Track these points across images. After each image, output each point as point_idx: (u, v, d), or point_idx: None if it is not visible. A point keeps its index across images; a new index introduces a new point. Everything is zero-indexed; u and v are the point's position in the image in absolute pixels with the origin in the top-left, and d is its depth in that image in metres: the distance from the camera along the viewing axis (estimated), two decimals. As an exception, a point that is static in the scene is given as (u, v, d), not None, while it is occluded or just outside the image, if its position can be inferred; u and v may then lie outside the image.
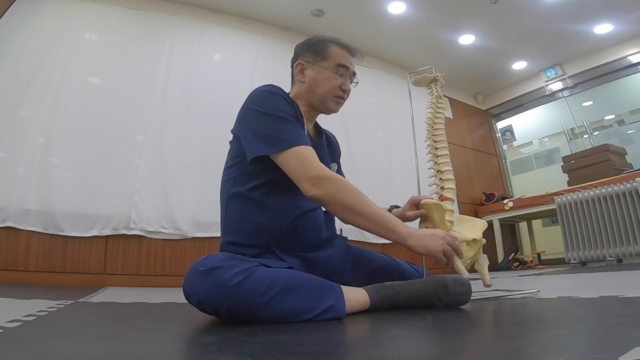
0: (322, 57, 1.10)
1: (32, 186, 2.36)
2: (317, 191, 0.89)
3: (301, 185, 0.91)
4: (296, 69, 1.13)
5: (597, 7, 3.40)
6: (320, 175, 0.90)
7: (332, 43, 1.11)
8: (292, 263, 0.94)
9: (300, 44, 1.16)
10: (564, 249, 3.26)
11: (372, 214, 0.91)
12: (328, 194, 0.89)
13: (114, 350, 0.54)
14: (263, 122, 0.95)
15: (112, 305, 1.30)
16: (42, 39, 2.64)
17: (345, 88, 1.11)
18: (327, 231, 1.08)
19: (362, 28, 3.65)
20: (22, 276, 2.23)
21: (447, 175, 1.15)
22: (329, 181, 0.90)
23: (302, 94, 1.11)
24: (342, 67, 1.10)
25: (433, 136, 1.20)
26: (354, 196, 0.91)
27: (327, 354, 0.48)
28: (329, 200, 0.90)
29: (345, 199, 0.90)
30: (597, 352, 0.43)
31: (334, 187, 0.90)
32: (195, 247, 2.72)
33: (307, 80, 1.10)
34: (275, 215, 0.97)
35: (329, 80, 1.09)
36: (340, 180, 0.92)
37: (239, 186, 1.00)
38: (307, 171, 0.90)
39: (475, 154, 4.68)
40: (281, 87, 1.04)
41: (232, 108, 1.03)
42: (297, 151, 0.92)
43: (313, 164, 0.92)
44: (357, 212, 0.91)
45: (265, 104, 0.97)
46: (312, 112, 1.14)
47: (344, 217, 0.94)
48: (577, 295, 1.07)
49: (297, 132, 0.96)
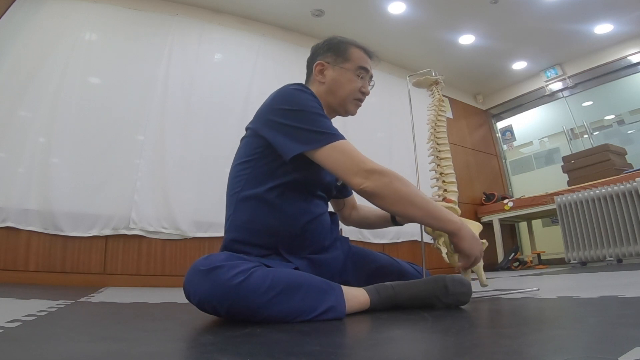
0: (344, 59, 1.09)
1: (32, 186, 2.36)
2: (369, 183, 0.88)
3: (350, 179, 0.89)
4: (316, 69, 1.11)
5: (597, 7, 3.40)
6: (372, 168, 0.89)
7: (353, 45, 1.11)
8: (299, 264, 0.94)
9: (319, 43, 1.15)
10: (564, 249, 3.26)
11: (425, 204, 0.91)
12: (382, 185, 0.88)
13: (114, 350, 0.54)
14: (298, 119, 0.93)
15: (112, 305, 1.30)
16: (42, 39, 2.64)
17: (364, 91, 1.11)
18: (332, 234, 1.08)
19: (362, 28, 3.65)
20: (22, 276, 2.23)
21: (450, 178, 1.15)
22: (381, 173, 0.89)
23: (321, 95, 1.09)
24: (363, 69, 1.10)
25: (436, 138, 1.20)
26: (408, 187, 0.90)
27: (327, 354, 0.48)
28: (383, 192, 0.88)
29: (400, 189, 0.89)
30: (597, 352, 0.43)
31: (387, 178, 0.89)
32: (195, 247, 2.72)
33: (328, 81, 1.09)
34: (287, 219, 0.96)
35: (350, 82, 1.08)
36: (392, 172, 0.91)
37: (254, 186, 0.97)
38: (357, 164, 0.89)
39: (475, 154, 4.68)
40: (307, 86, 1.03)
41: (232, 108, 1.04)
42: (341, 145, 0.91)
43: (360, 157, 0.91)
44: (412, 202, 0.89)
45: (297, 101, 0.95)
46: (329, 114, 1.12)
47: (397, 209, 0.92)
48: (577, 295, 1.07)
49: (333, 126, 0.94)
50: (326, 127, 0.93)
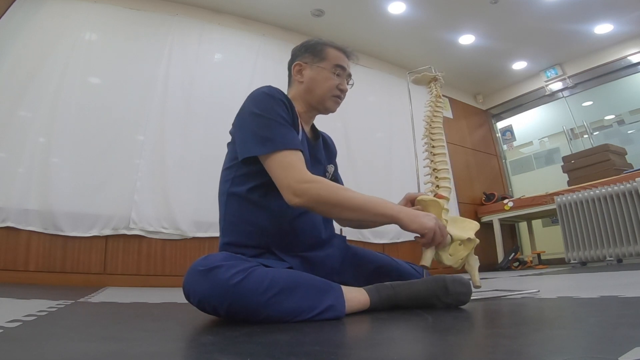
0: (320, 58, 1.11)
1: (32, 186, 2.36)
2: (298, 199, 0.88)
3: (284, 194, 0.90)
4: (294, 70, 1.14)
5: (597, 7, 3.40)
6: (301, 180, 0.89)
7: (329, 45, 1.14)
8: (293, 263, 0.94)
9: (297, 46, 1.18)
10: (564, 249, 3.26)
11: (359, 204, 0.90)
12: (310, 198, 0.88)
13: (114, 350, 0.54)
14: (256, 123, 0.95)
15: (112, 305, 1.30)
16: (42, 39, 2.64)
17: (342, 88, 1.13)
18: (326, 231, 1.08)
19: (362, 28, 3.65)
20: (22, 276, 2.23)
21: (443, 174, 1.15)
22: (310, 186, 0.88)
23: (300, 94, 1.12)
24: (339, 67, 1.12)
25: (430, 134, 1.20)
26: (336, 192, 0.90)
27: (327, 354, 0.48)
28: (313, 205, 0.89)
29: (328, 197, 0.89)
30: (597, 352, 0.43)
31: (313, 190, 0.88)
32: (195, 247, 2.72)
33: (306, 80, 1.12)
34: (274, 216, 0.97)
35: (327, 80, 1.10)
36: (319, 182, 0.90)
37: (238, 185, 1.00)
38: (289, 180, 0.89)
39: (475, 154, 4.68)
40: (281, 89, 1.04)
41: (232, 108, 1.04)
42: (282, 157, 0.91)
43: (295, 171, 0.90)
44: (343, 206, 0.89)
45: (261, 105, 0.97)
46: (310, 112, 1.14)
47: (333, 215, 0.94)
48: (577, 295, 1.07)
49: (289, 135, 0.95)
50: (278, 134, 0.93)
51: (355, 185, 3.30)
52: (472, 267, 1.07)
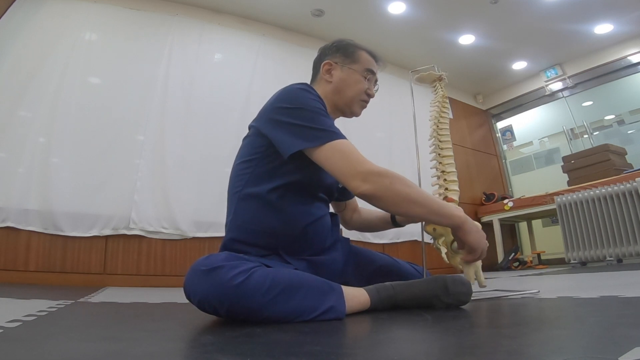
0: (352, 60, 1.10)
1: (32, 186, 2.36)
2: (368, 186, 0.85)
3: (349, 182, 0.87)
4: (323, 69, 1.12)
5: (597, 7, 3.40)
6: (371, 170, 0.87)
7: (361, 48, 1.13)
8: (298, 266, 0.93)
9: (328, 45, 1.16)
10: (564, 249, 3.26)
11: (428, 201, 0.89)
12: (382, 187, 0.85)
13: (114, 350, 0.54)
14: (299, 117, 0.92)
15: (112, 305, 1.30)
16: (42, 39, 2.64)
17: (370, 93, 1.12)
18: (332, 235, 1.07)
19: (362, 28, 3.65)
20: (22, 276, 2.23)
21: (452, 177, 1.14)
22: (381, 175, 0.87)
23: (327, 94, 1.10)
24: (370, 72, 1.11)
25: (438, 135, 1.19)
26: (409, 186, 0.88)
27: (327, 354, 0.48)
28: (383, 195, 0.86)
29: (401, 190, 0.87)
30: (597, 352, 0.43)
31: (387, 179, 0.86)
32: (195, 247, 2.72)
33: (335, 80, 1.10)
34: (288, 220, 0.96)
35: (357, 83, 1.09)
36: (391, 173, 0.89)
37: (256, 185, 0.97)
38: (355, 166, 0.87)
39: (475, 154, 4.68)
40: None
41: (232, 108, 1.04)
42: (340, 145, 0.89)
43: (359, 158, 0.88)
44: (414, 201, 0.87)
45: (300, 99, 0.95)
46: (334, 113, 1.13)
47: (399, 209, 0.91)
48: (577, 295, 1.07)
49: (335, 126, 0.94)
50: (326, 125, 0.92)
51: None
52: (476, 267, 1.07)
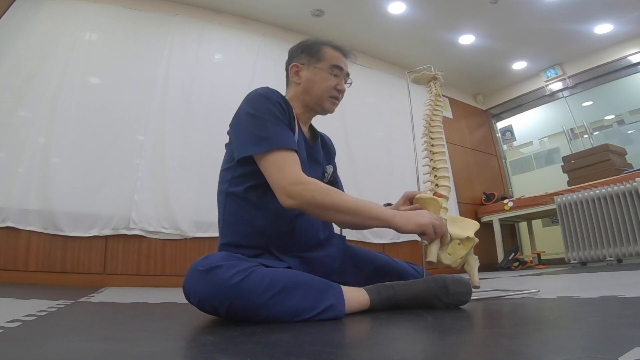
0: (317, 59, 1.10)
1: (32, 186, 2.36)
2: (293, 201, 0.88)
3: (279, 196, 0.90)
4: (291, 71, 1.13)
5: (597, 7, 3.40)
6: (294, 182, 0.88)
7: (326, 45, 1.12)
8: (291, 263, 0.94)
9: (294, 46, 1.17)
10: (564, 249, 3.26)
11: (352, 207, 0.90)
12: (304, 201, 0.87)
13: (114, 350, 0.54)
14: (252, 123, 0.95)
15: (112, 305, 1.30)
16: (42, 39, 2.64)
17: (340, 88, 1.12)
18: (324, 231, 1.08)
19: (362, 28, 3.65)
20: (22, 276, 2.23)
21: (442, 173, 1.14)
22: (305, 190, 0.88)
23: (298, 95, 1.12)
24: (337, 67, 1.11)
25: (430, 133, 1.20)
26: (330, 195, 0.90)
27: (327, 354, 0.48)
28: (307, 208, 0.89)
29: (323, 200, 0.88)
30: (597, 352, 0.43)
31: (309, 193, 0.88)
32: (195, 247, 2.72)
33: (303, 81, 1.11)
34: (272, 216, 0.97)
35: (324, 80, 1.09)
36: (313, 184, 0.90)
37: (236, 185, 1.00)
38: (282, 181, 0.89)
39: (475, 154, 4.68)
40: (278, 91, 1.03)
41: (232, 108, 1.04)
42: (276, 157, 0.91)
43: (289, 172, 0.90)
44: (337, 209, 0.89)
45: (256, 105, 0.97)
46: (308, 113, 1.14)
47: (327, 218, 0.94)
48: (577, 295, 1.07)
49: (284, 135, 0.94)
50: (270, 132, 0.93)
51: (355, 185, 3.30)
52: (471, 266, 1.07)
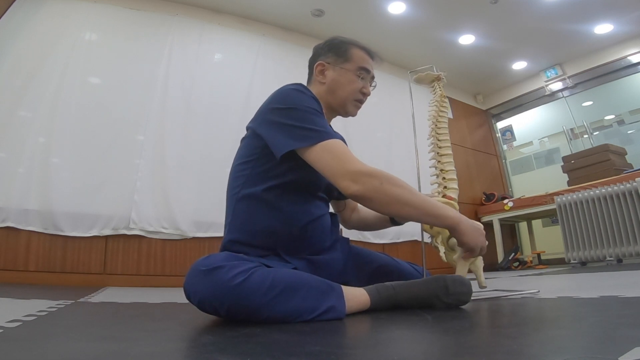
0: (345, 59, 1.08)
1: (32, 186, 2.36)
2: (358, 187, 0.84)
3: (339, 182, 0.86)
4: (316, 69, 1.11)
5: (597, 7, 3.40)
6: (361, 170, 0.86)
7: (354, 45, 1.10)
8: (298, 265, 0.93)
9: (321, 44, 1.14)
10: (564, 249, 3.26)
11: (420, 202, 0.88)
12: (372, 188, 0.84)
13: (114, 350, 0.54)
14: (292, 117, 0.92)
15: (112, 305, 1.30)
16: (42, 39, 2.64)
17: (365, 91, 1.10)
18: (332, 235, 1.07)
19: (362, 28, 3.65)
20: (22, 276, 2.23)
21: (450, 175, 1.14)
22: (371, 175, 0.85)
23: (321, 95, 1.09)
24: (364, 70, 1.09)
25: (437, 134, 1.19)
26: (400, 186, 0.87)
27: (327, 354, 0.48)
28: (373, 196, 0.85)
29: (392, 190, 0.86)
30: (597, 352, 0.43)
31: (377, 180, 0.85)
32: (195, 247, 2.72)
33: (328, 81, 1.09)
34: (286, 219, 0.95)
35: (351, 82, 1.07)
36: (382, 173, 0.87)
37: (253, 185, 0.97)
38: (345, 166, 0.86)
39: (475, 154, 4.68)
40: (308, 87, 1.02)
41: (232, 108, 1.04)
42: (331, 145, 0.88)
43: (350, 158, 0.87)
44: (405, 202, 0.86)
45: (293, 100, 0.94)
46: (329, 114, 1.12)
47: (390, 210, 0.90)
48: (577, 295, 1.07)
49: (329, 126, 0.93)
50: (318, 125, 0.91)
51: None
52: (477, 267, 1.07)
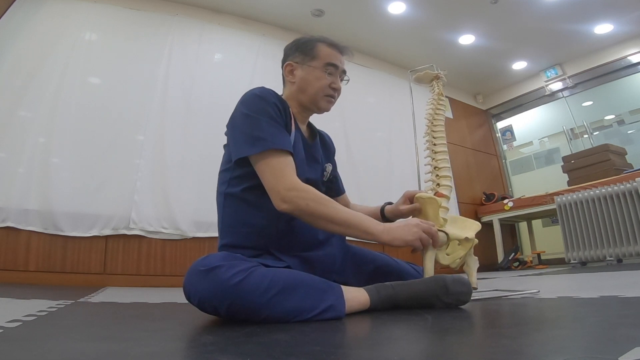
0: (311, 57, 1.09)
1: (32, 186, 2.36)
2: (287, 206, 0.89)
3: (272, 198, 0.91)
4: (286, 70, 1.13)
5: (597, 7, 3.40)
6: (290, 190, 0.90)
7: (320, 42, 1.11)
8: (291, 263, 0.94)
9: (289, 44, 1.16)
10: (564, 249, 3.26)
11: (343, 219, 0.91)
12: (298, 208, 0.89)
13: (114, 350, 0.54)
14: (247, 124, 0.95)
15: (112, 305, 1.30)
16: (42, 39, 2.64)
17: (335, 86, 1.10)
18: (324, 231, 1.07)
19: (362, 28, 3.65)
20: (22, 276, 2.23)
21: (444, 172, 1.14)
22: (298, 196, 0.89)
23: (293, 94, 1.11)
24: (331, 65, 1.09)
25: (432, 132, 1.19)
26: (324, 205, 0.91)
27: (327, 354, 0.48)
28: (299, 214, 0.90)
29: (316, 209, 0.90)
30: (597, 352, 0.43)
31: (302, 200, 0.89)
32: (195, 247, 2.72)
33: (297, 80, 1.10)
34: (271, 216, 0.96)
35: (318, 79, 1.08)
36: (308, 191, 0.91)
37: (234, 187, 1.00)
38: (277, 185, 0.90)
39: (475, 154, 4.68)
40: (274, 91, 1.02)
41: (232, 108, 1.03)
42: (270, 158, 0.92)
43: (284, 175, 0.91)
44: (330, 220, 0.91)
45: (251, 106, 0.97)
46: (304, 112, 1.13)
47: (318, 226, 0.94)
48: (577, 295, 1.07)
49: (279, 135, 0.94)
50: (266, 132, 0.93)
51: (356, 185, 3.30)
52: (470, 267, 1.07)
